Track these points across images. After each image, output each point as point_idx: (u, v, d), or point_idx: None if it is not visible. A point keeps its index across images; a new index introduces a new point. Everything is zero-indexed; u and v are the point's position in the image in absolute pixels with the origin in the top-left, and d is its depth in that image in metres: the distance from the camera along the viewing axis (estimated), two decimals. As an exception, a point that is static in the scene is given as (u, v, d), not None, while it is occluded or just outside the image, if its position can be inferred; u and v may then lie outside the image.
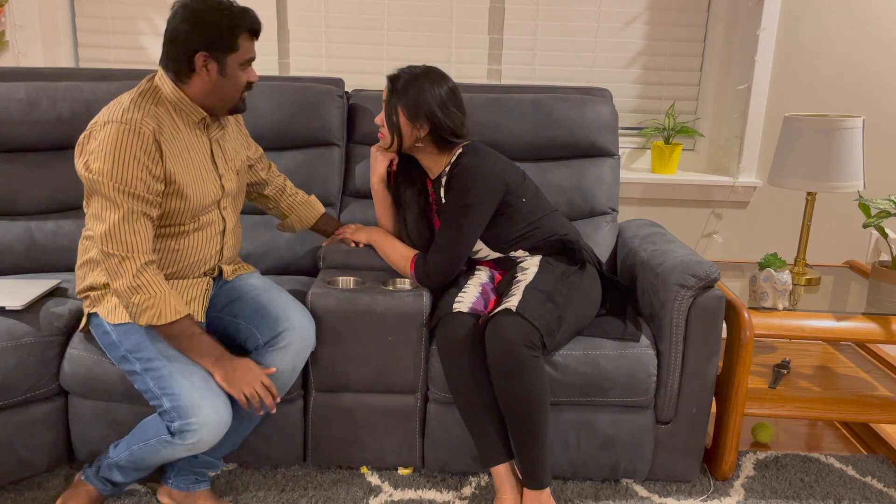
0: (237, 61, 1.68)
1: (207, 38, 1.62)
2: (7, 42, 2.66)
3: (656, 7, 2.76)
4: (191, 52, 1.63)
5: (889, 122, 2.75)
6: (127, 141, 1.58)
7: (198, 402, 1.59)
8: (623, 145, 2.90)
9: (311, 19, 2.77)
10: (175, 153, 1.68)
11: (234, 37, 1.64)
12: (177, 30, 1.63)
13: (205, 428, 1.59)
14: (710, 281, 1.84)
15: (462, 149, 1.91)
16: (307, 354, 1.82)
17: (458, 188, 1.86)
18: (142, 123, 1.60)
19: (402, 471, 2.03)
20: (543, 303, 1.76)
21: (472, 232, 1.88)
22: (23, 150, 2.24)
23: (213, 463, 1.82)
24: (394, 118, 1.89)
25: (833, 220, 2.85)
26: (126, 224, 1.59)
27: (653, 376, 1.88)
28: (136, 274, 1.59)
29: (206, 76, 1.67)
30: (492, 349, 1.71)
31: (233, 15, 1.63)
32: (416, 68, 1.90)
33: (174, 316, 1.61)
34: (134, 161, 1.59)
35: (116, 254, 1.59)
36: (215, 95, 1.71)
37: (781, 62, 2.70)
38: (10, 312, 1.86)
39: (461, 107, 1.92)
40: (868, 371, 2.23)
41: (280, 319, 1.77)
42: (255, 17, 1.68)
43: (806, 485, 2.05)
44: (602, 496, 1.95)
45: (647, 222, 2.42)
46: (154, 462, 1.71)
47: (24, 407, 1.83)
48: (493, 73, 2.84)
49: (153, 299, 1.60)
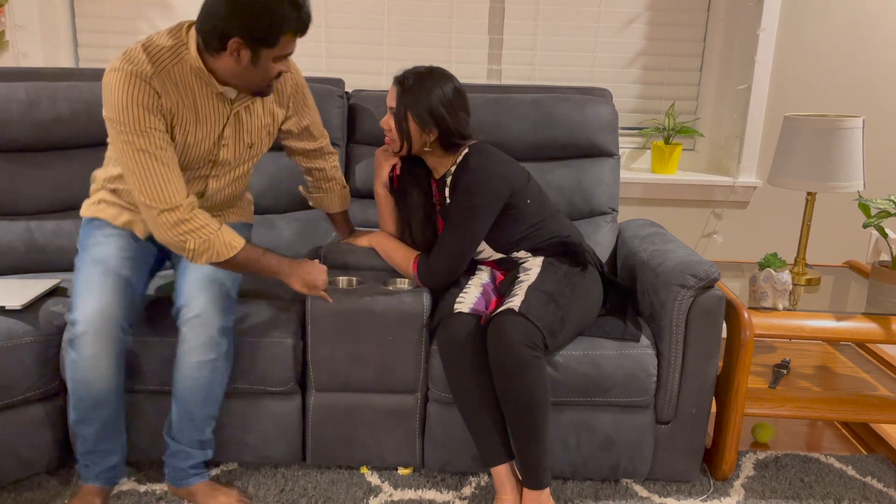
0: (272, 55, 1.60)
1: (247, 27, 1.53)
2: (7, 42, 2.66)
3: (656, 7, 2.76)
4: (225, 35, 1.54)
5: (889, 122, 2.75)
6: (128, 88, 1.57)
7: (77, 301, 1.67)
8: (623, 145, 2.90)
9: (312, 19, 2.76)
10: (182, 103, 1.65)
11: (277, 34, 1.55)
12: (215, 5, 1.53)
13: (81, 322, 1.64)
14: (710, 281, 1.84)
15: (468, 149, 1.90)
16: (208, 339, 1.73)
17: (463, 189, 1.85)
18: (149, 76, 1.58)
19: (402, 471, 2.03)
20: (546, 303, 1.76)
21: (477, 233, 1.88)
22: (23, 150, 2.24)
23: (188, 452, 1.79)
24: (403, 124, 1.86)
25: (833, 220, 2.85)
26: (149, 171, 1.59)
27: (653, 376, 1.88)
28: (177, 223, 1.61)
29: (234, 60, 1.59)
30: (494, 348, 1.71)
31: (282, 12, 1.53)
32: (422, 70, 1.87)
33: (230, 252, 1.65)
34: (138, 107, 1.58)
35: (154, 206, 1.60)
36: (240, 79, 1.65)
37: (781, 62, 2.70)
38: (10, 312, 1.86)
39: (467, 108, 1.90)
40: (868, 371, 2.23)
41: (181, 294, 1.77)
42: (306, 15, 1.58)
43: (806, 485, 2.05)
44: (602, 496, 1.95)
45: (647, 222, 2.42)
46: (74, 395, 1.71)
47: (24, 407, 1.83)
48: (493, 73, 2.84)
49: (206, 242, 1.62)
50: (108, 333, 1.67)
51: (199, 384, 1.74)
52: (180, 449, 1.80)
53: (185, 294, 1.76)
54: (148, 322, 1.86)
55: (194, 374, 1.73)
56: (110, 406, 1.74)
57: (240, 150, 1.82)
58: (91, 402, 1.71)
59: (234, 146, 1.80)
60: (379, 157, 2.00)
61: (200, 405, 1.77)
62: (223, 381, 1.80)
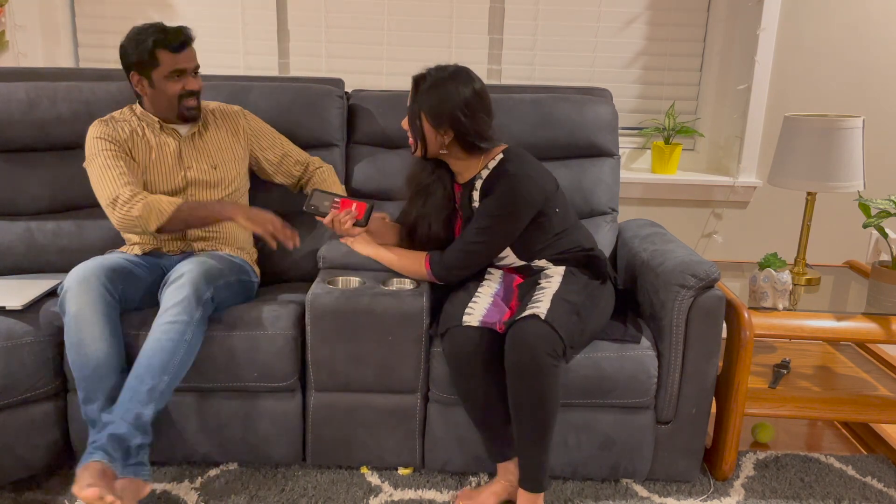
0: (161, 75, 1.95)
1: (131, 59, 1.94)
2: (7, 42, 2.66)
3: (656, 7, 2.76)
4: (127, 73, 1.98)
5: (889, 122, 2.75)
6: (99, 127, 2.00)
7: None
8: (623, 145, 2.90)
9: (311, 19, 2.77)
10: (137, 146, 2.02)
11: (151, 54, 1.92)
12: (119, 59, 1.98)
13: (65, 283, 1.78)
14: (710, 281, 1.84)
15: (503, 154, 1.87)
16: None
17: (500, 195, 1.81)
18: (106, 120, 2.01)
19: (402, 471, 2.03)
20: (570, 314, 1.74)
21: (504, 240, 1.85)
22: (23, 150, 2.24)
23: (118, 424, 1.65)
24: (417, 123, 1.84)
25: (833, 220, 2.85)
26: (102, 174, 1.91)
27: (653, 378, 1.88)
28: (121, 205, 1.87)
29: (142, 91, 1.99)
30: (515, 351, 1.68)
31: (145, 37, 1.92)
32: (444, 70, 1.83)
33: (171, 206, 1.88)
34: (99, 138, 1.98)
35: (106, 202, 1.89)
36: (156, 106, 2.01)
37: (781, 62, 2.70)
38: (10, 312, 1.86)
39: (488, 110, 1.86)
40: (868, 371, 2.23)
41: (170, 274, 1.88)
42: (173, 30, 1.93)
43: (806, 485, 2.05)
44: (602, 496, 1.95)
45: (647, 222, 2.42)
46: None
47: (24, 407, 1.83)
48: (493, 73, 2.84)
49: (147, 206, 1.86)
50: (87, 285, 1.75)
51: (162, 346, 1.70)
52: (111, 420, 1.66)
53: (176, 268, 1.88)
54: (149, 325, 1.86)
55: (160, 336, 1.71)
56: (111, 380, 1.72)
57: (203, 170, 2.07)
58: (91, 370, 1.70)
59: (197, 167, 2.07)
60: (349, 242, 2.01)
61: (156, 371, 1.69)
62: (187, 356, 1.74)
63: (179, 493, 1.90)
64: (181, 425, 1.92)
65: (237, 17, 2.75)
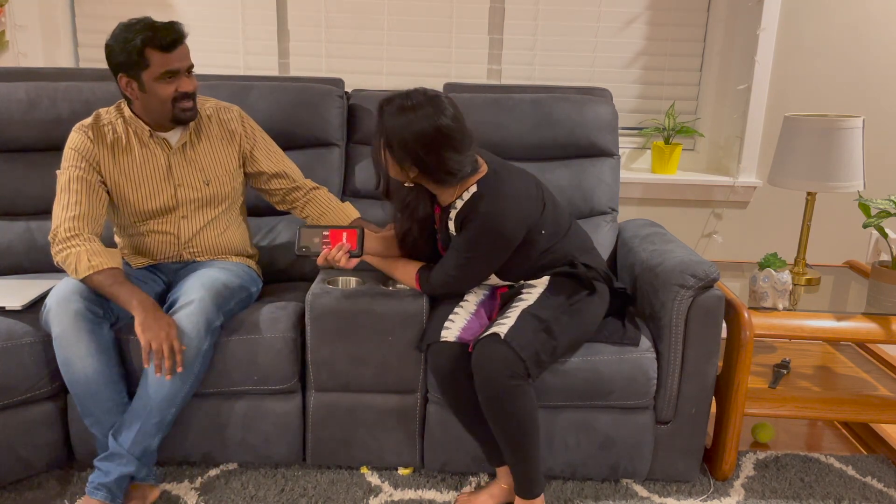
0: (152, 76, 1.78)
1: (119, 61, 1.77)
2: (7, 42, 2.66)
3: (656, 7, 2.76)
4: (115, 76, 1.81)
5: (889, 122, 2.75)
6: (77, 136, 1.87)
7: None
8: (623, 145, 2.90)
9: (311, 19, 2.77)
10: (119, 161, 1.88)
11: (139, 54, 1.75)
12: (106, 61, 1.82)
13: (48, 302, 1.74)
14: (710, 281, 1.84)
15: (476, 185, 1.74)
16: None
17: (475, 234, 1.71)
18: (87, 126, 1.87)
19: (402, 471, 2.03)
20: (536, 331, 1.69)
21: (486, 270, 1.81)
22: (23, 150, 2.25)
23: (127, 458, 1.71)
24: (377, 155, 1.71)
25: (833, 220, 2.85)
26: (60, 195, 1.82)
27: (652, 380, 1.87)
28: (58, 244, 1.78)
29: (132, 95, 1.83)
30: (477, 378, 1.67)
31: (132, 35, 1.74)
32: (410, 98, 1.65)
33: (87, 271, 1.74)
34: (73, 149, 1.86)
35: (50, 234, 1.80)
36: (147, 110, 1.86)
37: (781, 62, 2.70)
38: (10, 312, 1.86)
39: (456, 145, 1.66)
40: (868, 371, 2.23)
41: (180, 290, 1.84)
42: (162, 29, 1.74)
43: (806, 485, 2.05)
44: (602, 496, 1.95)
45: (646, 222, 2.42)
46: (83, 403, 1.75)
47: (24, 407, 1.83)
48: (493, 73, 2.84)
49: (67, 260, 1.76)
50: (67, 305, 1.70)
51: (172, 379, 1.70)
52: (119, 453, 1.70)
53: (185, 287, 1.81)
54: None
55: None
56: (104, 393, 1.71)
57: (195, 187, 1.95)
58: (82, 387, 1.71)
59: (188, 183, 1.94)
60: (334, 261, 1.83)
61: (165, 405, 1.71)
62: (194, 385, 1.76)
63: (179, 493, 1.90)
64: (181, 425, 1.92)
65: (237, 16, 2.76)
